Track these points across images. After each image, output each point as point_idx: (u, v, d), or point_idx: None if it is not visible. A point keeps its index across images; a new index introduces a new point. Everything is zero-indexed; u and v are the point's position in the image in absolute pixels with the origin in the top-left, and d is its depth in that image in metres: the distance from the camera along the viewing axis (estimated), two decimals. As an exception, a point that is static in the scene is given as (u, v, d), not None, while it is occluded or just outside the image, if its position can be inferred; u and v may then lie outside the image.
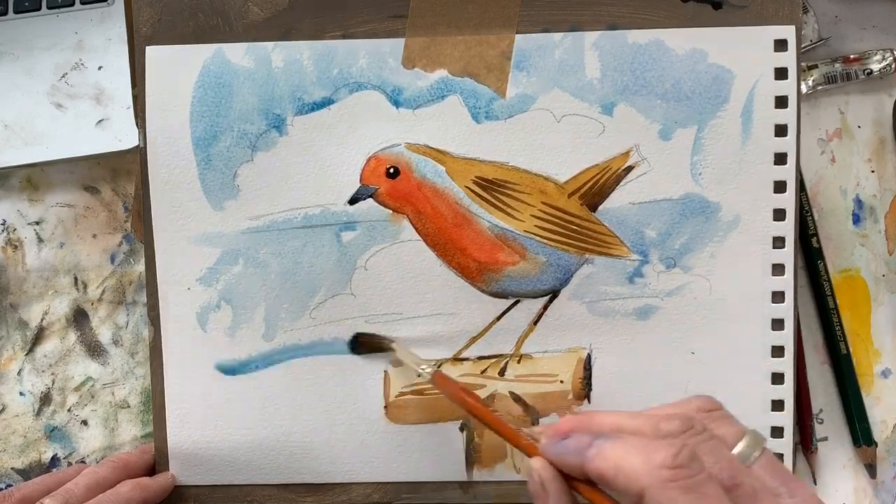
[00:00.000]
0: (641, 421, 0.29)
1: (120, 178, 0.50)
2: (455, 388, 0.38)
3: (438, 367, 0.43)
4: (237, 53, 0.43)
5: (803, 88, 0.48)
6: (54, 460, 0.48)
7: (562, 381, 0.44)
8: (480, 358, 0.44)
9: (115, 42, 0.49)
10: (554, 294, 0.43)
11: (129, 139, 0.47)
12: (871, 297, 0.47)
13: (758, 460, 0.29)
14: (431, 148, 0.43)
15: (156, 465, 0.45)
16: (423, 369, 0.41)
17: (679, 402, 0.31)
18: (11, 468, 0.48)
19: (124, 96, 0.48)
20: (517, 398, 0.44)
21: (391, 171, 0.43)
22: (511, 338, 0.44)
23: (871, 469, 0.46)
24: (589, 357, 0.44)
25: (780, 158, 0.42)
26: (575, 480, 0.30)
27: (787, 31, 0.42)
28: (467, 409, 0.37)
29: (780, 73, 0.42)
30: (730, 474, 0.27)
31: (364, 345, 0.44)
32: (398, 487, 0.45)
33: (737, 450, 0.29)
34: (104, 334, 0.49)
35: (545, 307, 0.43)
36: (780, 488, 0.28)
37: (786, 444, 0.43)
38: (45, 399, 0.48)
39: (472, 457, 0.44)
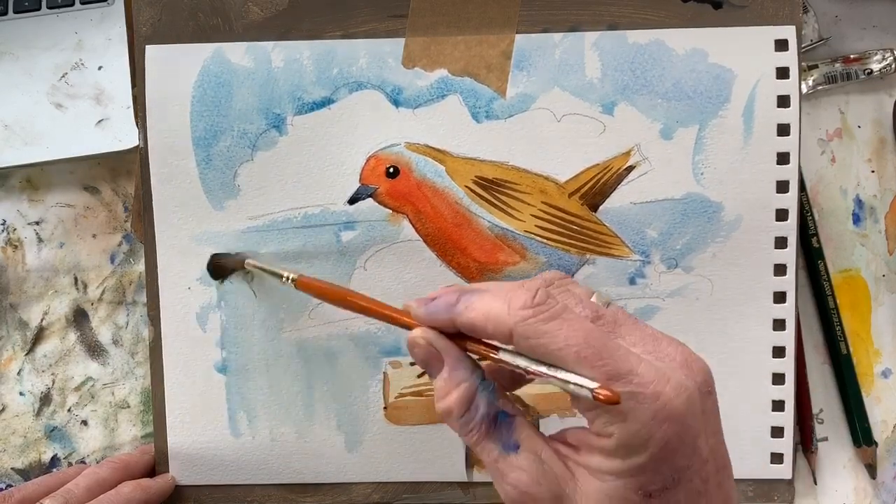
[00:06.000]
0: (504, 284, 0.31)
1: (120, 178, 0.50)
2: (321, 286, 0.39)
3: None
4: (237, 53, 0.43)
5: (803, 88, 0.48)
6: (54, 460, 0.48)
7: (562, 382, 0.44)
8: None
9: (115, 42, 0.49)
10: (554, 294, 0.43)
11: (129, 139, 0.47)
12: (871, 297, 0.47)
13: (608, 308, 0.31)
14: (431, 147, 0.43)
15: (156, 465, 0.45)
16: (285, 276, 0.40)
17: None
18: (11, 468, 0.48)
19: (124, 96, 0.47)
20: (517, 399, 0.44)
21: (391, 170, 0.43)
22: (511, 338, 0.44)
23: (872, 469, 0.46)
24: (589, 357, 0.43)
25: (783, 158, 0.42)
26: (450, 337, 0.31)
27: (788, 31, 0.42)
28: (339, 302, 0.37)
29: (782, 73, 0.42)
30: (591, 309, 0.30)
31: (220, 267, 0.44)
32: (398, 487, 0.44)
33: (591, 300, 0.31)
34: (104, 334, 0.49)
35: (545, 307, 0.43)
36: None
37: (786, 444, 0.43)
38: (45, 399, 0.48)
39: (473, 457, 0.44)
